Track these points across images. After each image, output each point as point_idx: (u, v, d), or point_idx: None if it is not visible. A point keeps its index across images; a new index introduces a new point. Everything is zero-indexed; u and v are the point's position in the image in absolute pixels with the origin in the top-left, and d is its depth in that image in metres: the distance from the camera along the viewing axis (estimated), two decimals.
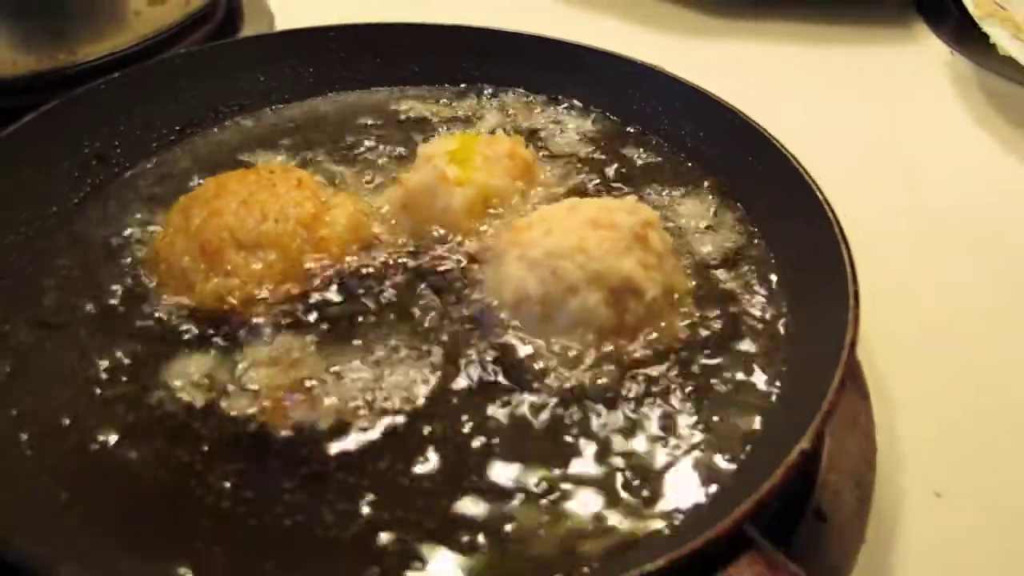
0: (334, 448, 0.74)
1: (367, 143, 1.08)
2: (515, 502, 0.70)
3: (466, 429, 0.75)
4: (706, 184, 1.02)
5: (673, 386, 0.79)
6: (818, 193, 0.88)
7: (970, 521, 0.84)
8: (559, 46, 1.16)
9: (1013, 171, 1.31)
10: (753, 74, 1.50)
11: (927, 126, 1.44)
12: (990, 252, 1.15)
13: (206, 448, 0.74)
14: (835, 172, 0.95)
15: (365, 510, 0.69)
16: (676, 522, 0.68)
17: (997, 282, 1.11)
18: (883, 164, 1.32)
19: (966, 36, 1.43)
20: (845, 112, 1.45)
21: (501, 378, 0.79)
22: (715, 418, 0.77)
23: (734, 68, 1.50)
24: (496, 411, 0.77)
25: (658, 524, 0.68)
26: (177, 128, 1.09)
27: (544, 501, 0.70)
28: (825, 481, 0.81)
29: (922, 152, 1.37)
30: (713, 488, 0.71)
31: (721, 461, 0.73)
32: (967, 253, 1.15)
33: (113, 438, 0.74)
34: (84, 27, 1.27)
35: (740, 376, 0.81)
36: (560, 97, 1.16)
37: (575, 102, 1.15)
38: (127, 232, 0.94)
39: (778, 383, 0.80)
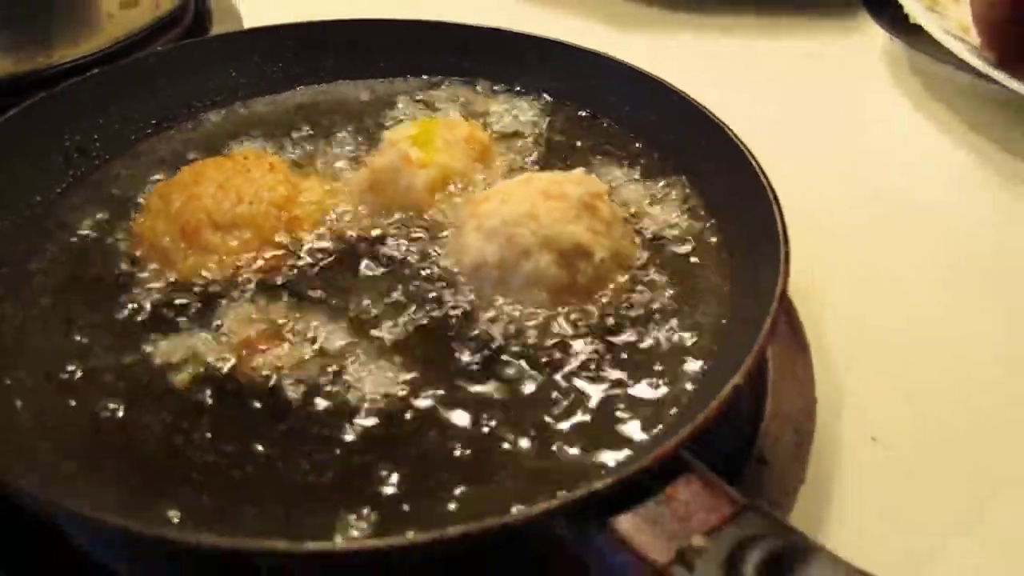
0: (309, 404, 0.79)
1: (334, 132, 1.13)
2: (479, 447, 0.76)
3: (431, 385, 0.81)
4: (655, 163, 1.08)
5: (623, 341, 0.85)
6: (752, 162, 0.94)
7: (902, 461, 0.91)
8: (518, 38, 1.21)
9: (949, 153, 1.39)
10: (705, 65, 1.57)
11: (871, 111, 1.52)
12: (926, 226, 1.24)
13: (190, 408, 0.79)
14: (785, 156, 1.01)
15: (340, 459, 0.75)
16: (622, 455, 0.75)
17: (933, 254, 1.18)
18: (830, 148, 1.39)
19: (902, 22, 1.51)
20: (795, 100, 1.52)
21: (462, 338, 0.85)
22: (662, 368, 0.83)
23: (687, 60, 1.58)
24: (457, 367, 0.83)
25: (606, 457, 0.75)
26: (153, 122, 1.13)
27: (504, 443, 0.76)
28: (766, 429, 0.88)
29: (866, 136, 1.45)
30: (658, 427, 0.77)
31: (665, 406, 0.79)
32: (906, 228, 1.23)
33: (104, 403, 0.79)
34: (60, 30, 1.30)
35: (685, 332, 0.87)
36: (517, 86, 1.21)
37: (531, 90, 1.21)
38: (109, 218, 0.99)
39: (719, 338, 0.86)
